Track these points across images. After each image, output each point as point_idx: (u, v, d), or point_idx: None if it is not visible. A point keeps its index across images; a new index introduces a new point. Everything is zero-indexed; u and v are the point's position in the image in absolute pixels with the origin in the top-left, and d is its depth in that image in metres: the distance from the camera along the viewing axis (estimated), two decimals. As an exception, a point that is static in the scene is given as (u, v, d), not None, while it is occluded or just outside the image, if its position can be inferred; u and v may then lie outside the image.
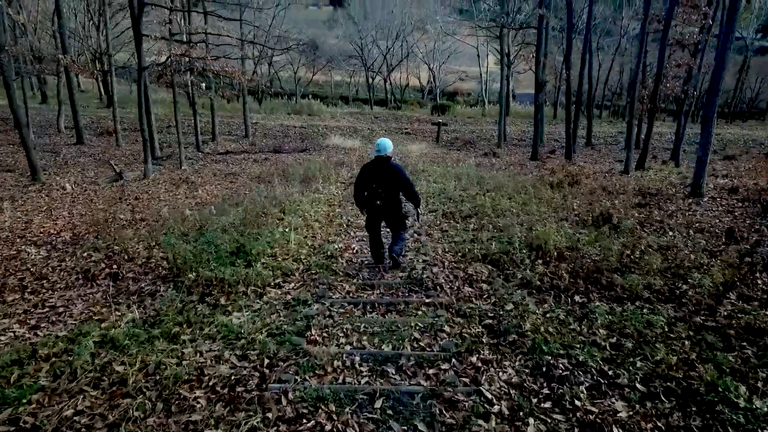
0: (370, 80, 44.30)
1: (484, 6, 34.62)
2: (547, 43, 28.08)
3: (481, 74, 42.36)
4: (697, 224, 9.63)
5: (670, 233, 9.01)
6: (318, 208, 11.35)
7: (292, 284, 6.77)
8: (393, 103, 43.79)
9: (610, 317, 5.60)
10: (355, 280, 6.84)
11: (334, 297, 6.23)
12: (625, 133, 31.25)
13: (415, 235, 9.21)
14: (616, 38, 37.43)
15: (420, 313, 5.78)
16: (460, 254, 7.91)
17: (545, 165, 19.97)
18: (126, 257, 8.03)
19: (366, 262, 7.65)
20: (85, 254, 8.26)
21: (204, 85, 25.95)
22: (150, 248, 8.42)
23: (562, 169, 14.73)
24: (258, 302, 6.16)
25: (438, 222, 10.20)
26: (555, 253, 7.28)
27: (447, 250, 8.26)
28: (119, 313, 5.92)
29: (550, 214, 10.31)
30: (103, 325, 5.58)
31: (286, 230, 9.03)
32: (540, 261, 7.27)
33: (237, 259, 7.39)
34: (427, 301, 6.04)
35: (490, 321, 5.62)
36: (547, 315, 5.71)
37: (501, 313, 5.77)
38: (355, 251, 8.30)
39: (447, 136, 30.47)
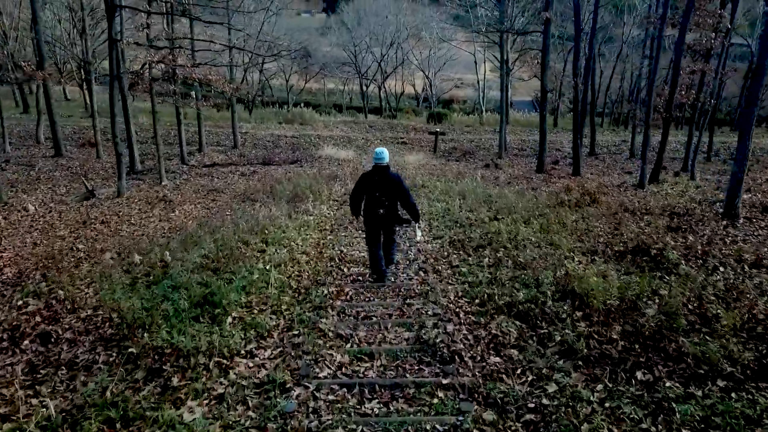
0: (365, 88, 42.88)
1: (481, 12, 33.24)
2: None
3: (478, 81, 41.02)
4: (748, 256, 8.18)
5: (722, 269, 7.55)
6: (307, 235, 9.84)
7: (268, 351, 5.25)
8: (388, 111, 42.39)
9: (691, 408, 4.12)
10: (348, 345, 5.33)
11: (321, 375, 4.71)
12: (629, 141, 30.00)
13: (421, 273, 7.70)
14: (617, 44, 36.20)
15: (436, 401, 4.29)
16: (477, 301, 6.42)
17: (552, 178, 18.55)
18: (69, 306, 6.49)
19: (363, 314, 6.15)
20: (20, 302, 6.71)
21: (193, 93, 24.49)
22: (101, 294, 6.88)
23: (579, 187, 13.28)
24: (222, 382, 4.65)
25: (446, 253, 8.70)
26: (600, 306, 5.79)
27: (461, 294, 6.77)
28: (33, 404, 4.40)
29: (575, 243, 8.84)
30: (4, 426, 4.06)
31: (267, 267, 7.52)
32: (580, 314, 5.78)
33: (203, 313, 5.87)
34: (444, 382, 4.53)
35: (532, 416, 4.13)
36: (606, 405, 4.23)
37: (544, 402, 4.28)
38: (348, 296, 6.79)
39: (445, 146, 29.05)
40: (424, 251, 8.86)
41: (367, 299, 6.68)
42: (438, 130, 27.97)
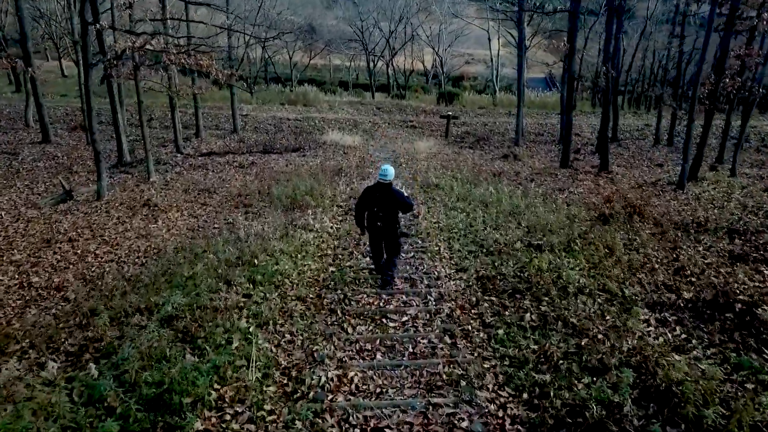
0: (372, 65, 40.55)
1: (496, -15, 30.79)
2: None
3: (491, 59, 38.57)
4: None
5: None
6: (304, 266, 8.11)
7: None
8: (396, 89, 40.16)
9: None
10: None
11: None
12: (652, 126, 27.88)
13: (447, 338, 5.95)
14: (640, 21, 33.66)
15: None
16: (526, 396, 4.72)
17: (578, 174, 16.67)
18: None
19: (373, 424, 4.46)
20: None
21: (189, 78, 22.58)
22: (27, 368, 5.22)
23: (618, 197, 11.36)
24: None
25: (474, 299, 6.95)
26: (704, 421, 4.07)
27: (502, 380, 5.07)
28: None
29: (634, 288, 7.08)
30: None
31: (250, 329, 5.85)
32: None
33: (154, 427, 4.20)
34: None
35: None
36: None
37: None
38: (354, 386, 5.08)
39: (457, 130, 27.05)
40: (447, 293, 7.12)
41: (378, 389, 4.98)
42: (450, 113, 25.95)
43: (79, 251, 9.24)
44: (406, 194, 7.33)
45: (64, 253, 9.17)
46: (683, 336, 5.70)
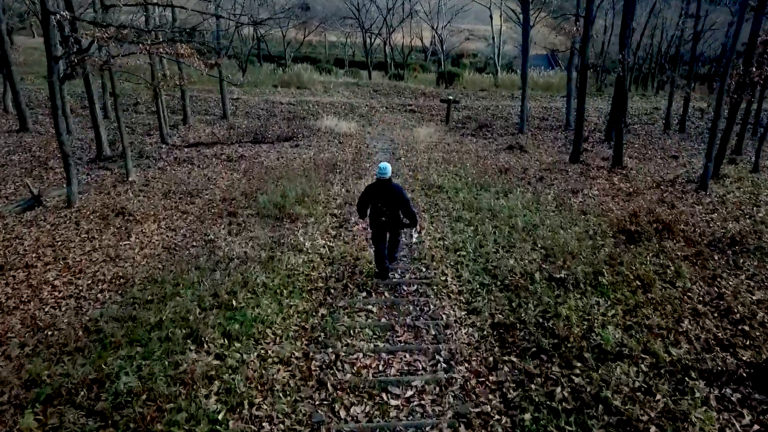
0: (369, 43, 38.68)
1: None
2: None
3: (493, 37, 36.75)
4: None
5: None
6: (291, 305, 6.92)
7: None
8: (393, 68, 38.42)
9: None
10: None
11: None
12: (662, 110, 26.48)
13: (462, 428, 4.80)
14: (649, -3, 31.88)
15: None
16: None
17: (590, 170, 15.39)
18: None
19: None
20: None
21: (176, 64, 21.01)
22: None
23: (645, 212, 10.07)
24: None
25: (491, 359, 5.77)
26: None
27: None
28: None
29: (681, 347, 5.91)
30: None
31: (218, 415, 4.69)
32: None
33: None
34: None
35: None
36: None
37: None
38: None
39: (458, 115, 25.62)
40: (458, 350, 5.94)
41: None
42: (451, 98, 24.48)
43: (34, 282, 8.01)
44: (407, 195, 7.62)
45: (17, 285, 7.94)
46: (756, 429, 4.56)
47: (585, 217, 10.72)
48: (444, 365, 5.65)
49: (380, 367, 5.66)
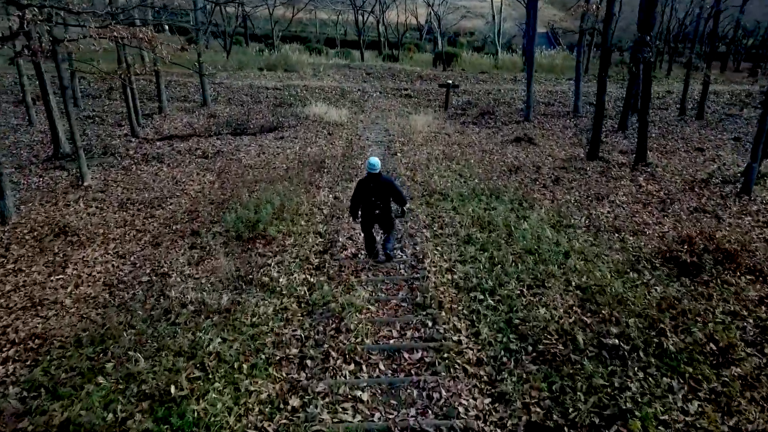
0: (361, 22, 36.12)
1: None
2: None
3: (493, 16, 34.29)
4: None
5: None
6: (251, 391, 5.01)
7: None
8: (387, 48, 35.99)
9: None
10: None
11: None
12: (673, 93, 24.45)
13: None
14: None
15: None
16: None
17: (611, 168, 13.43)
18: None
19: None
20: None
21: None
22: None
23: (701, 236, 8.04)
24: None
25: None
26: None
27: None
28: None
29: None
30: None
31: None
32: None
33: None
34: None
35: None
36: None
37: None
38: None
39: (457, 100, 23.50)
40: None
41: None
42: (450, 82, 22.31)
43: None
44: (399, 185, 7.85)
45: None
46: None
47: (619, 236, 8.81)
48: None
49: None
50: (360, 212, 7.59)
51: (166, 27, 41.62)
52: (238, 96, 23.21)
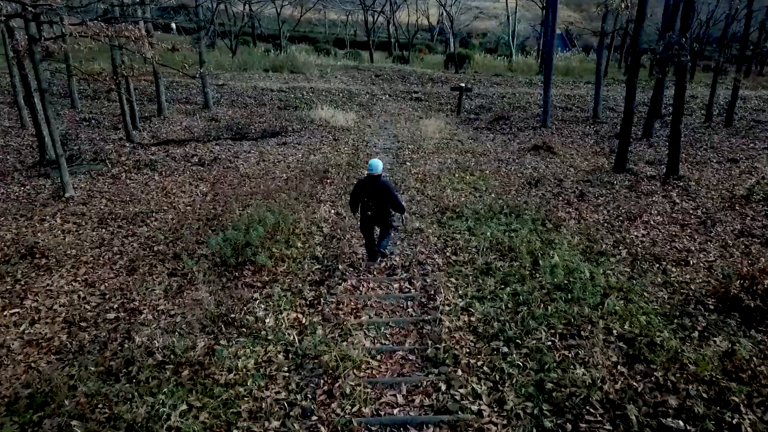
0: (372, 21, 34.95)
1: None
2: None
3: (508, 17, 33.00)
4: None
5: None
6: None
7: None
8: (397, 49, 34.83)
9: None
10: None
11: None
12: (698, 98, 23.08)
13: None
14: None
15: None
16: None
17: (639, 182, 12.21)
18: None
19: None
20: None
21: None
22: None
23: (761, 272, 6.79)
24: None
25: None
26: None
27: None
28: None
29: None
30: None
31: None
32: None
33: None
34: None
35: None
36: None
37: None
38: None
39: (470, 104, 22.32)
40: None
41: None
42: (463, 85, 21.12)
43: None
44: (395, 191, 7.61)
45: None
46: None
47: (660, 267, 7.61)
48: None
49: None
50: (359, 211, 7.58)
51: (173, 26, 40.81)
52: (241, 98, 22.18)
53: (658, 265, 7.69)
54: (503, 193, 11.18)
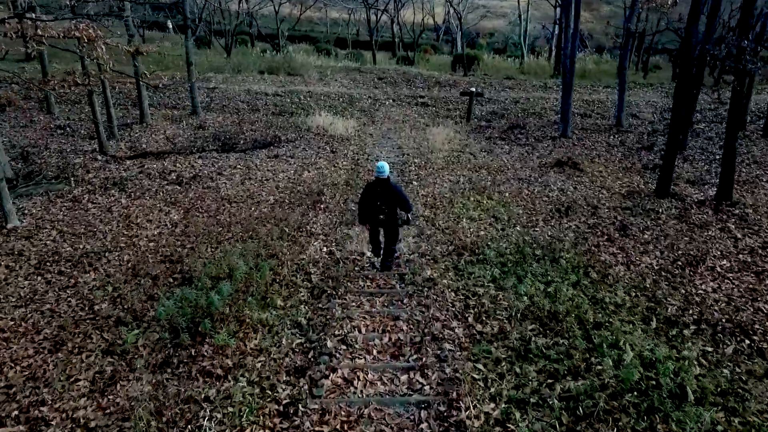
0: (375, 20, 32.95)
1: None
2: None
3: (519, 16, 30.93)
4: None
5: None
6: None
7: None
8: (402, 49, 32.84)
9: None
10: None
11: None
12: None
13: None
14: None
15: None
16: None
17: (689, 211, 10.25)
18: None
19: None
20: None
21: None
22: None
23: None
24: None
25: None
26: None
27: None
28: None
29: None
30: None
31: None
32: None
33: None
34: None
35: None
36: None
37: None
38: None
39: (481, 109, 20.36)
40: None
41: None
42: (473, 90, 19.13)
43: None
44: (406, 194, 7.48)
45: None
46: None
47: (752, 346, 5.67)
48: None
49: None
50: (367, 217, 7.28)
51: (170, 26, 38.91)
52: (233, 103, 20.25)
53: (746, 342, 5.76)
54: (529, 224, 9.25)
